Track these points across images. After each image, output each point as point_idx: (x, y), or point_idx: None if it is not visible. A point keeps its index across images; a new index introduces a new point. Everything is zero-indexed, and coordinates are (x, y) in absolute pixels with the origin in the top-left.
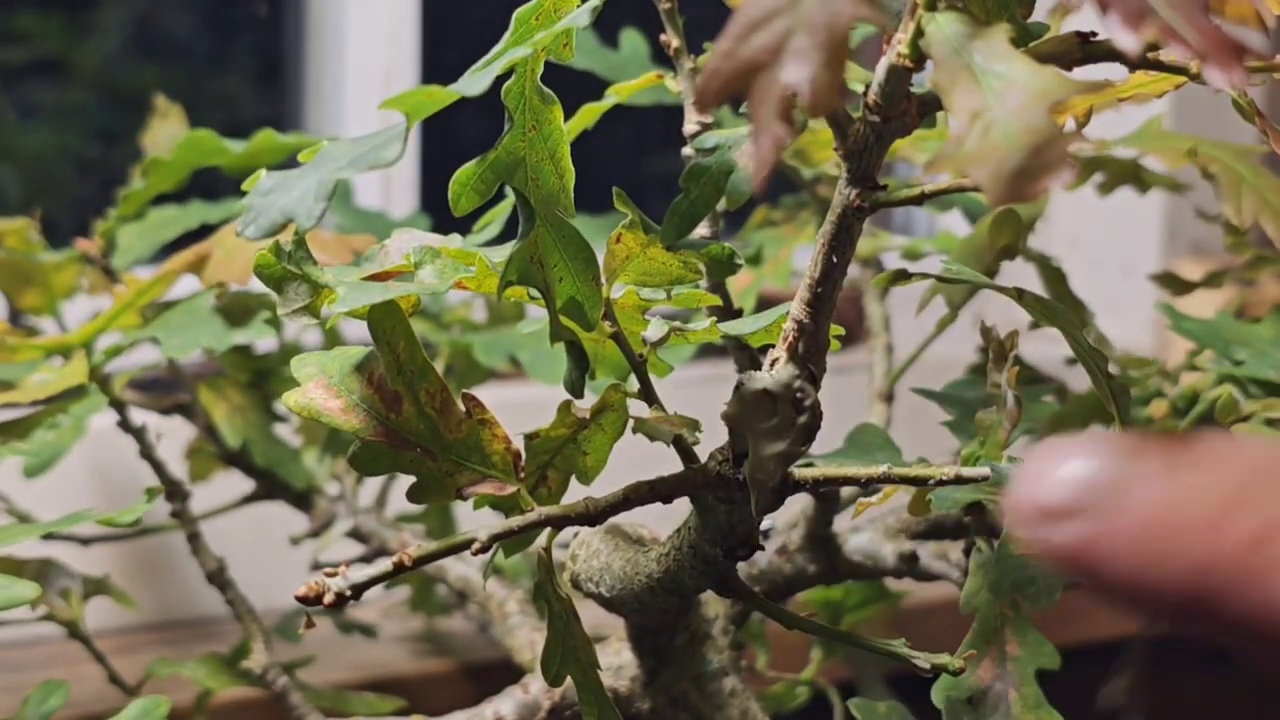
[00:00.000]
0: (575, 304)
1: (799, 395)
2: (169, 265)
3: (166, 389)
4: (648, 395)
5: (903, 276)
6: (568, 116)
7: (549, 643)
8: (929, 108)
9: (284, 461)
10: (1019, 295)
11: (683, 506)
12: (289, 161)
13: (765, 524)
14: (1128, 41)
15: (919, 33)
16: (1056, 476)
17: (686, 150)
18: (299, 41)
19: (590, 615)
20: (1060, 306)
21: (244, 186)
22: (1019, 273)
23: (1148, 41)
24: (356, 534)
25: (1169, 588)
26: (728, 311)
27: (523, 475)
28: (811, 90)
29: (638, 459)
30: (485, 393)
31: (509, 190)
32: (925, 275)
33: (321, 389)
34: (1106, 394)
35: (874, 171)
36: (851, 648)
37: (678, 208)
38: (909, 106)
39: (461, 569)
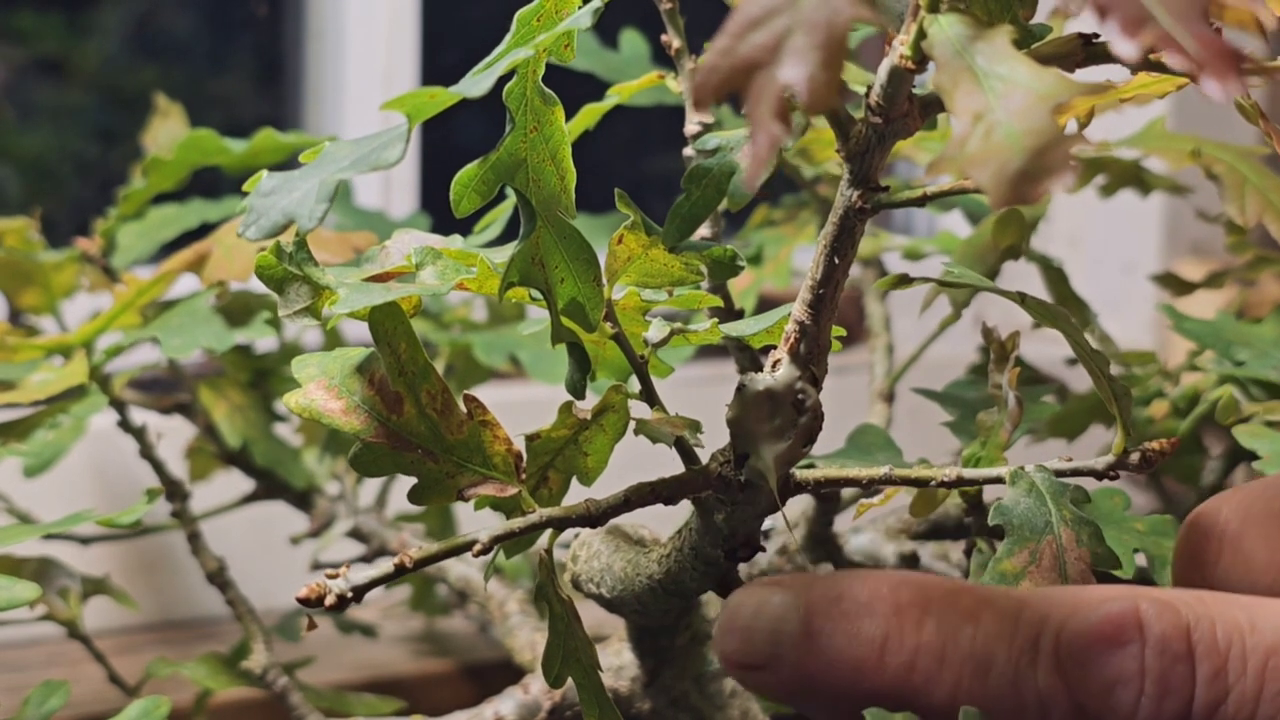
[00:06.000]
0: (577, 305)
1: (800, 396)
2: (169, 265)
3: (166, 389)
4: (649, 396)
5: (905, 281)
6: (569, 117)
7: (550, 644)
8: (931, 109)
9: (284, 461)
10: (1021, 299)
11: (684, 507)
12: (289, 161)
13: (766, 525)
14: (1126, 49)
15: (921, 34)
16: (746, 630)
17: (688, 151)
18: (299, 41)
19: (591, 616)
20: (1062, 309)
21: (245, 187)
22: (1020, 272)
23: (1146, 49)
24: (357, 534)
25: (853, 710)
26: (729, 312)
27: (524, 476)
28: (809, 90)
29: (639, 460)
30: (486, 393)
31: (510, 191)
32: (927, 280)
33: (322, 390)
34: (1108, 395)
35: (876, 173)
36: None
37: (679, 209)
38: (911, 108)
39: (462, 569)
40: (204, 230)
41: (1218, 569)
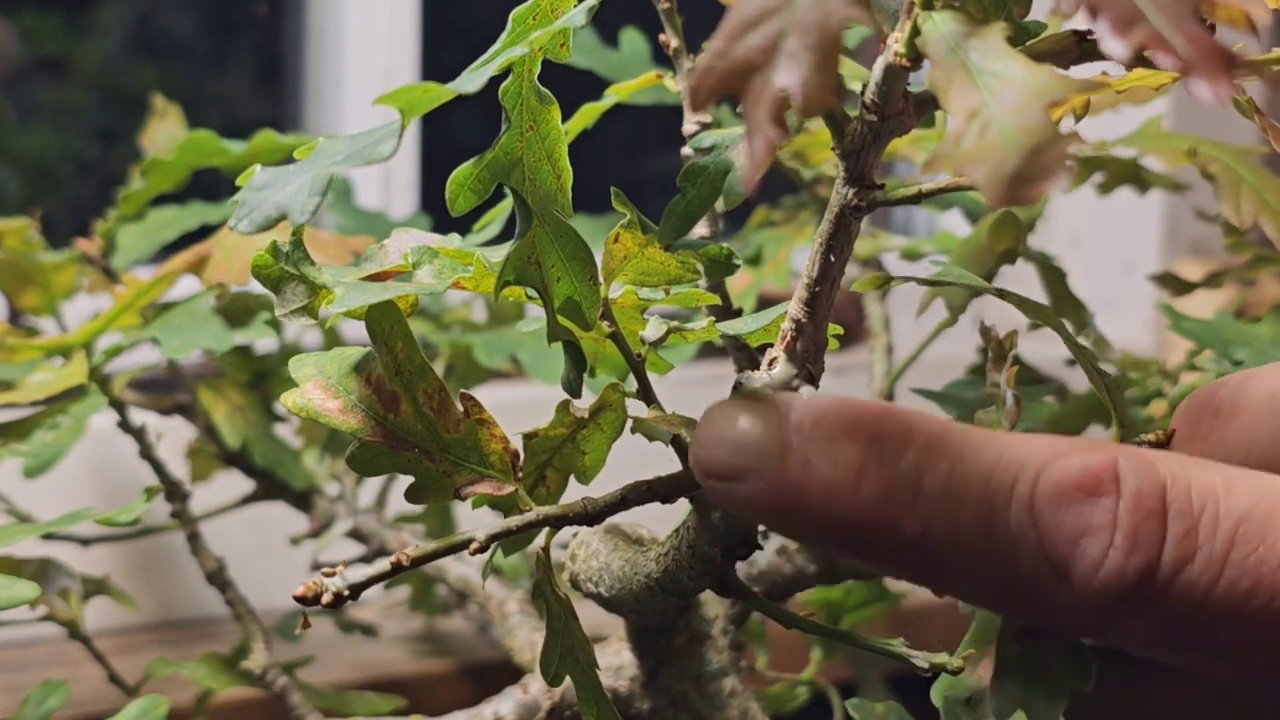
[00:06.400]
0: (573, 304)
1: None
2: (169, 266)
3: (166, 389)
4: (646, 395)
5: (886, 281)
6: (566, 116)
7: (548, 643)
8: (926, 107)
9: (284, 461)
10: (1000, 294)
11: (682, 505)
12: (288, 162)
13: None
14: (1117, 48)
15: (915, 31)
16: (725, 441)
17: (686, 150)
18: (299, 41)
19: (590, 615)
20: (1045, 306)
21: (238, 182)
22: (1019, 272)
23: (1137, 48)
24: (356, 534)
25: (825, 534)
26: (727, 311)
27: (521, 475)
28: (804, 92)
29: (636, 458)
30: (485, 393)
31: (507, 190)
32: (908, 279)
33: (319, 389)
34: (1101, 388)
35: (871, 170)
36: (851, 648)
37: (675, 208)
38: (906, 105)
39: (461, 569)
40: (204, 231)
41: (1212, 441)
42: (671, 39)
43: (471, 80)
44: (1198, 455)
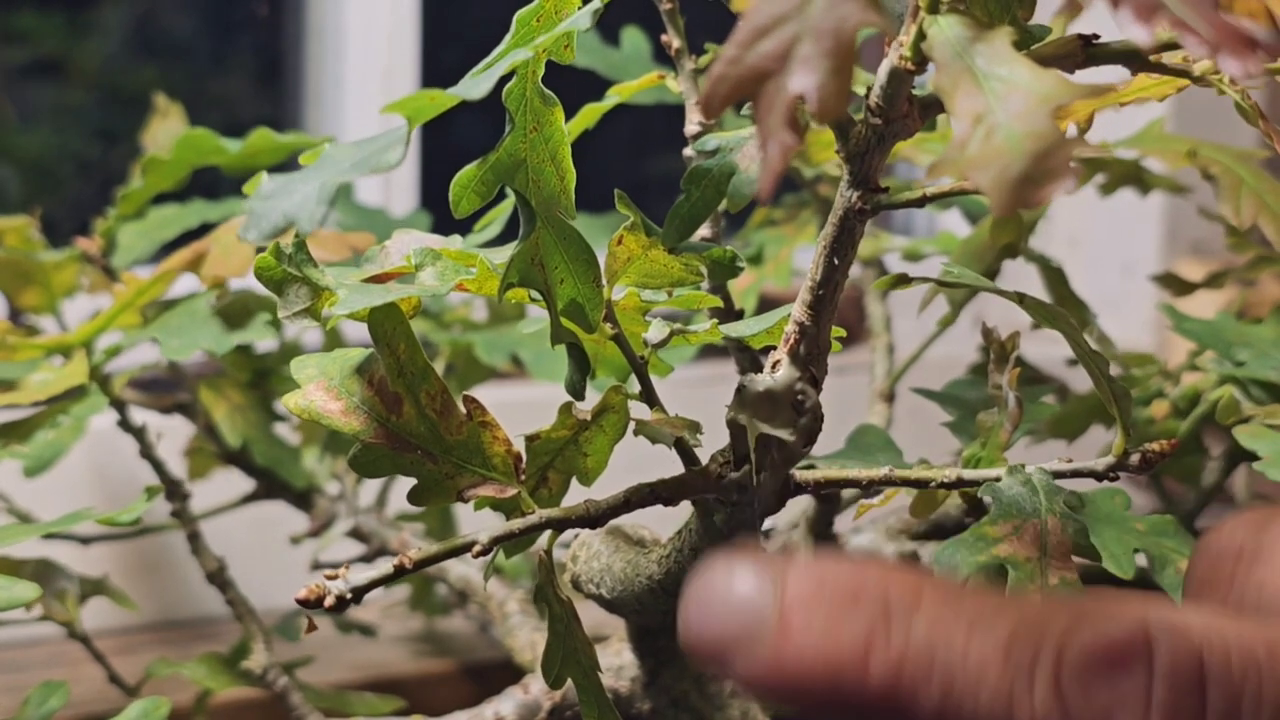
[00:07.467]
0: (576, 306)
1: (800, 397)
2: (168, 264)
3: (166, 388)
4: (649, 397)
5: (904, 281)
6: (568, 116)
7: (550, 645)
8: (931, 110)
9: (284, 461)
10: (1020, 299)
11: (684, 508)
12: (287, 161)
13: (766, 525)
14: (1140, 35)
15: (921, 35)
16: (716, 612)
17: (688, 151)
18: (299, 41)
19: (591, 616)
20: (1062, 310)
21: (245, 189)
22: (1020, 272)
23: (1159, 37)
24: (357, 533)
25: (831, 713)
26: (729, 312)
27: (523, 477)
28: (819, 98)
29: (639, 460)
30: (486, 392)
31: (509, 191)
32: (926, 280)
33: (322, 391)
34: (1108, 396)
35: (876, 174)
36: None
37: (679, 210)
38: (911, 109)
39: (462, 569)
40: (205, 230)
41: (1232, 590)
42: (674, 39)
43: (477, 85)
44: (1221, 601)
